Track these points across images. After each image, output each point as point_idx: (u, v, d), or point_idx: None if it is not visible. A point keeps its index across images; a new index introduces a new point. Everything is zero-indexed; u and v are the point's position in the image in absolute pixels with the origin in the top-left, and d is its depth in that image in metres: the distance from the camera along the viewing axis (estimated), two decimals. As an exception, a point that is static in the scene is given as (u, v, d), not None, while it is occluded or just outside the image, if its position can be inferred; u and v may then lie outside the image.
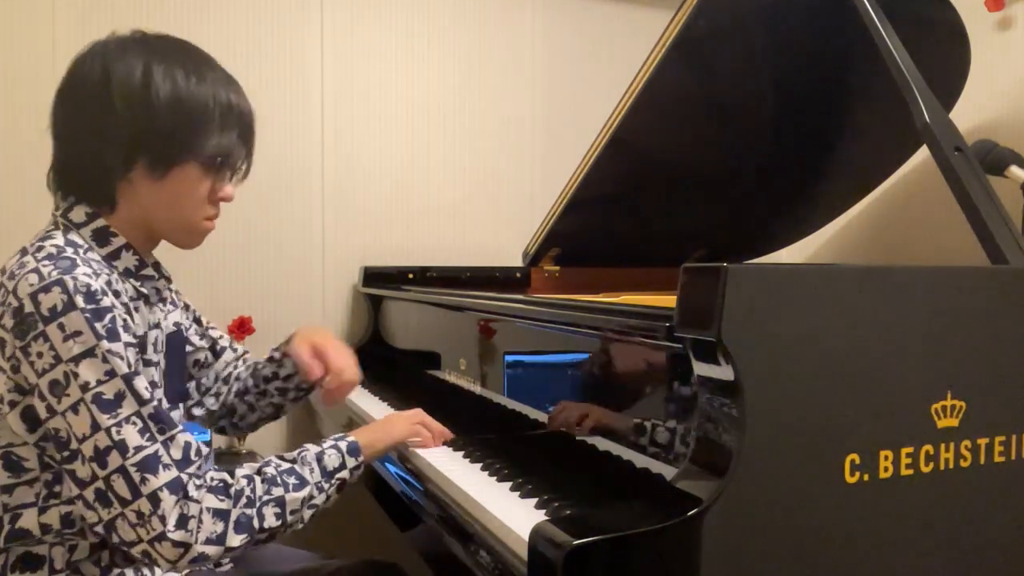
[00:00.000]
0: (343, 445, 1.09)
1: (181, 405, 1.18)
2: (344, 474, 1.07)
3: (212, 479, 0.96)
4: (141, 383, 0.93)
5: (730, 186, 1.83)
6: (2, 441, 0.96)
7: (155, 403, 0.93)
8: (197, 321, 1.29)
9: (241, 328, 2.01)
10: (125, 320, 0.95)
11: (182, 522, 0.91)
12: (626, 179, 1.72)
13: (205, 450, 0.97)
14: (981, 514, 0.90)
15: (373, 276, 2.11)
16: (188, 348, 1.25)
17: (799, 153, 1.77)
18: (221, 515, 0.94)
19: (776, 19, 1.48)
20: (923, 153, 1.76)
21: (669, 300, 0.84)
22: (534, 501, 0.96)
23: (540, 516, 0.90)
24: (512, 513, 0.92)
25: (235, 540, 0.95)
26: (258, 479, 0.99)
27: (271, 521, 0.98)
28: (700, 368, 0.79)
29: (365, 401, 1.65)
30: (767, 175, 1.81)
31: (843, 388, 0.80)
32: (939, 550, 0.87)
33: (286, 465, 1.03)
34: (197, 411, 1.29)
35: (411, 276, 2.10)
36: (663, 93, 1.46)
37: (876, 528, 0.82)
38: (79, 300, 0.90)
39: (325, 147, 2.15)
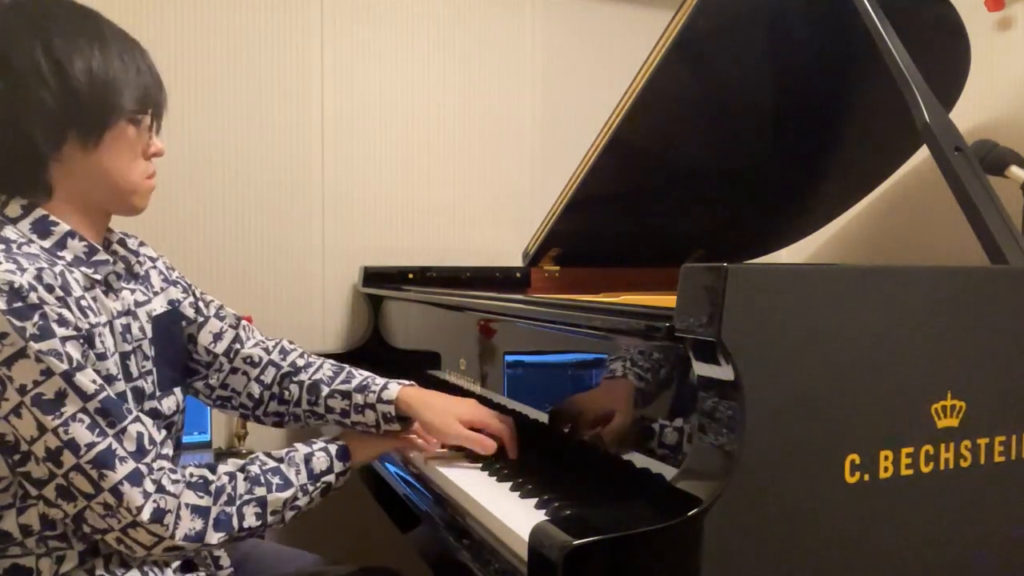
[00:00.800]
0: (333, 449, 1.08)
1: (177, 390, 1.13)
2: (330, 478, 1.06)
3: (192, 475, 0.95)
4: (85, 377, 0.90)
5: (730, 186, 1.83)
6: None
7: (103, 396, 0.91)
8: (194, 294, 1.22)
9: (241, 328, 2.01)
10: (61, 315, 0.90)
11: (158, 515, 0.90)
12: (626, 179, 1.72)
13: (159, 437, 0.96)
14: (981, 514, 0.90)
15: (373, 276, 2.11)
16: (184, 323, 1.19)
17: (799, 153, 1.77)
18: (200, 512, 0.93)
19: (776, 19, 1.48)
20: (923, 153, 1.76)
21: (669, 300, 0.84)
22: (534, 501, 0.96)
23: (540, 516, 0.90)
24: (512, 513, 0.92)
25: (214, 538, 0.94)
26: (241, 476, 0.98)
27: (251, 521, 0.97)
28: (700, 368, 0.79)
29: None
30: (767, 175, 1.81)
31: (843, 388, 0.80)
32: (939, 550, 0.87)
33: (272, 464, 1.02)
34: (198, 384, 1.23)
35: (411, 276, 2.10)
36: (663, 93, 1.45)
37: (876, 528, 0.82)
38: (0, 302, 0.86)
39: (325, 147, 2.15)
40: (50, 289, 0.91)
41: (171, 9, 1.97)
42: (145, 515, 0.90)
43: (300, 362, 1.25)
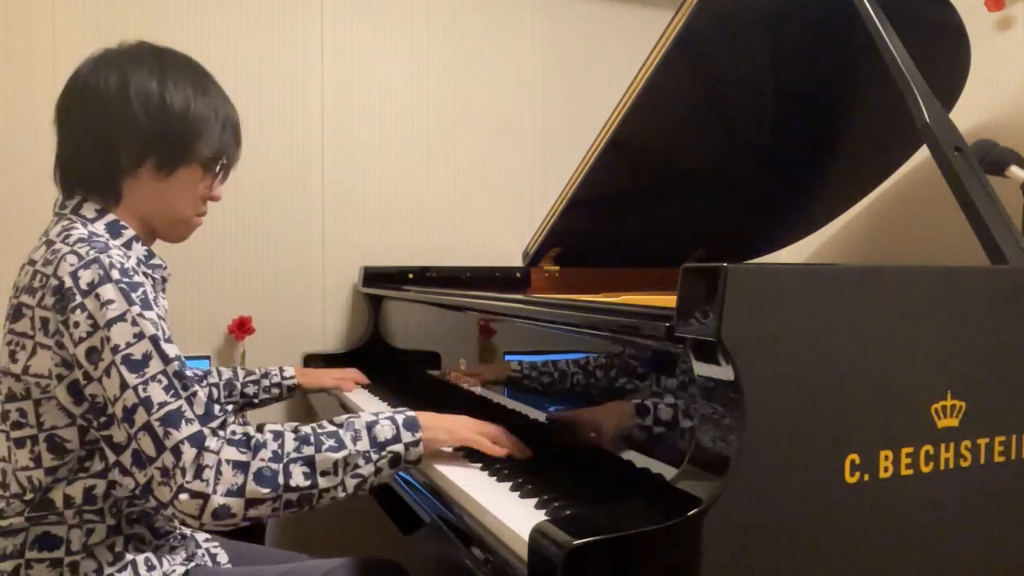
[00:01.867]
0: (399, 418, 1.05)
1: None
2: (398, 448, 1.03)
3: (235, 432, 0.97)
4: (169, 347, 0.98)
5: (730, 186, 1.83)
6: (47, 424, 1.01)
7: (178, 363, 0.98)
8: None
9: (241, 328, 2.01)
10: (155, 296, 1.03)
11: (198, 472, 0.92)
12: (626, 179, 1.72)
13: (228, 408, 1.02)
14: (981, 514, 0.90)
15: (373, 276, 2.11)
16: None
17: (799, 153, 1.77)
18: (240, 467, 0.94)
19: (776, 19, 1.48)
20: (923, 153, 1.76)
21: (669, 300, 0.84)
22: (534, 501, 0.96)
23: (540, 516, 0.90)
24: (512, 513, 0.92)
25: (257, 492, 0.93)
26: (290, 436, 0.98)
27: (299, 479, 0.96)
28: (700, 368, 0.79)
29: (363, 400, 1.65)
30: (767, 175, 1.81)
31: (843, 388, 0.80)
32: (939, 550, 0.87)
33: (329, 428, 1.02)
34: None
35: (411, 276, 2.10)
36: (663, 93, 1.45)
37: (876, 528, 0.82)
38: (114, 274, 0.98)
39: (325, 147, 2.15)
40: (144, 276, 1.06)
41: (173, 10, 1.97)
42: (189, 475, 0.91)
43: (199, 372, 1.51)
